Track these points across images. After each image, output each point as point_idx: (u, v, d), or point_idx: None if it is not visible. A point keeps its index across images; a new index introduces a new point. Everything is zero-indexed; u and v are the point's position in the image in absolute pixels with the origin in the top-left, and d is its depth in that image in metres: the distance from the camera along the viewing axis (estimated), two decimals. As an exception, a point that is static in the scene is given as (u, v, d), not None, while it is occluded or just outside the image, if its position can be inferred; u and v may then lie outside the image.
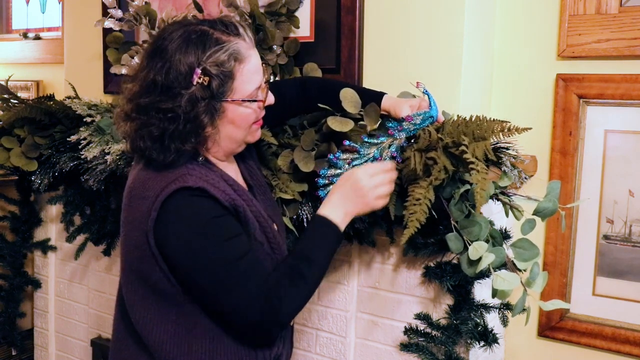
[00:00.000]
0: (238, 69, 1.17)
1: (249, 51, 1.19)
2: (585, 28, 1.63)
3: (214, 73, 1.14)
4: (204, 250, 1.13)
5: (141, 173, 1.20)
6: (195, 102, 1.13)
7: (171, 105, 1.13)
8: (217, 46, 1.15)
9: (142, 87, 1.16)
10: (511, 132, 1.30)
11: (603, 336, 1.67)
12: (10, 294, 2.49)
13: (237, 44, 1.17)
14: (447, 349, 1.53)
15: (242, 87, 1.18)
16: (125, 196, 1.24)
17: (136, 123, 1.16)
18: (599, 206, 1.67)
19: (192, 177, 1.15)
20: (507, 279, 1.32)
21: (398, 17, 1.62)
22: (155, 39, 1.19)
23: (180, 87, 1.13)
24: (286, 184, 1.54)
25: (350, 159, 1.43)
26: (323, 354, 1.79)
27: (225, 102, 1.17)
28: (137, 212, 1.16)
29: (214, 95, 1.15)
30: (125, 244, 1.23)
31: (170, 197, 1.12)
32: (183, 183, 1.13)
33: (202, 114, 1.15)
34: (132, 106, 1.17)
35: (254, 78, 1.20)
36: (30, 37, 3.23)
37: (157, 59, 1.15)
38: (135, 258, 1.19)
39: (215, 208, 1.15)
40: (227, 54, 1.15)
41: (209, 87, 1.14)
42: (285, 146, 1.58)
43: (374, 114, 1.48)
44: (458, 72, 1.56)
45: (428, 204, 1.31)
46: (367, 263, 1.69)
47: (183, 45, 1.14)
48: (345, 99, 1.49)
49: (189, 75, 1.13)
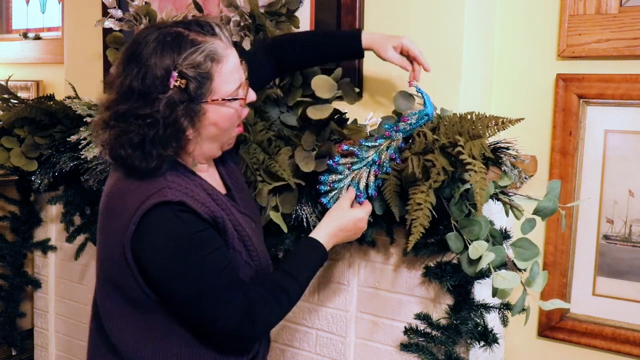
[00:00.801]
0: (216, 70, 1.15)
1: (226, 50, 1.17)
2: (585, 28, 1.63)
3: (190, 75, 1.12)
4: (184, 265, 1.12)
5: (120, 183, 1.19)
6: (174, 105, 1.11)
7: (149, 111, 1.11)
8: (193, 47, 1.13)
9: (119, 94, 1.14)
10: (505, 125, 1.30)
11: (603, 336, 1.67)
12: (10, 294, 2.49)
13: (214, 44, 1.15)
14: (447, 349, 1.53)
15: (222, 87, 1.16)
16: (103, 205, 1.23)
17: (115, 131, 1.14)
18: (599, 206, 1.67)
19: (171, 191, 1.13)
20: (507, 278, 1.33)
21: (398, 17, 1.62)
22: (130, 44, 1.17)
23: (157, 92, 1.11)
24: (283, 167, 1.53)
25: (350, 163, 1.44)
26: (323, 354, 1.78)
27: (205, 103, 1.15)
28: (115, 224, 1.15)
29: (192, 98, 1.13)
30: (101, 252, 1.22)
31: (149, 212, 1.11)
32: (162, 197, 1.11)
33: (182, 117, 1.13)
34: (110, 114, 1.15)
35: (233, 77, 1.18)
36: (30, 37, 3.23)
37: (132, 64, 1.13)
38: (111, 267, 1.18)
39: (195, 222, 1.14)
40: (203, 55, 1.13)
41: (186, 90, 1.12)
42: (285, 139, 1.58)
43: (351, 92, 1.51)
44: (458, 72, 1.56)
45: (430, 207, 1.31)
46: (367, 263, 1.69)
47: (158, 49, 1.12)
48: (318, 87, 1.52)
49: (166, 79, 1.11)
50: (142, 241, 1.11)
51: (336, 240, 1.38)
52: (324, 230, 1.36)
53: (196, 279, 1.13)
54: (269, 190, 1.55)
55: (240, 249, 1.23)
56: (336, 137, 1.56)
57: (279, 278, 1.25)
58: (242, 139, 1.59)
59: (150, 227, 1.11)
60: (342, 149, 1.46)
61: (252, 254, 1.25)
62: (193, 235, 1.13)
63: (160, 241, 1.12)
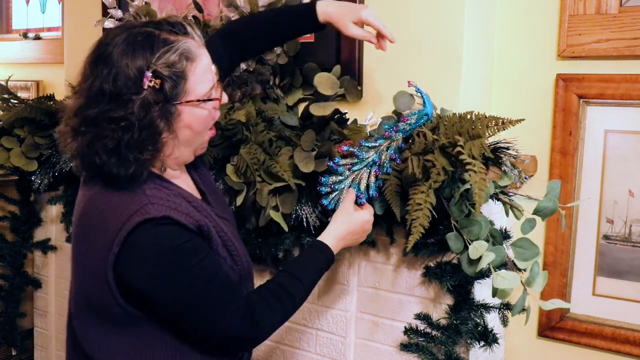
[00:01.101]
0: (190, 69, 1.11)
1: (199, 50, 1.14)
2: (585, 28, 1.63)
3: (165, 75, 1.07)
4: (175, 277, 1.09)
5: (97, 200, 1.13)
6: (149, 107, 1.07)
7: (123, 113, 1.06)
8: (166, 46, 1.09)
9: (88, 98, 1.08)
10: (505, 125, 1.30)
11: (603, 336, 1.67)
12: (10, 294, 2.49)
13: (187, 43, 1.11)
14: (447, 349, 1.53)
15: (196, 87, 1.12)
16: (78, 221, 1.17)
17: (87, 137, 1.08)
18: (599, 206, 1.67)
19: (154, 207, 1.08)
20: (508, 278, 1.33)
21: (398, 17, 1.62)
22: (97, 46, 1.12)
23: (130, 93, 1.06)
24: (283, 167, 1.53)
25: (350, 164, 1.44)
26: (323, 354, 1.78)
27: (179, 105, 1.10)
28: (95, 244, 1.10)
29: (167, 98, 1.09)
30: (78, 272, 1.17)
31: (133, 231, 1.06)
32: (146, 215, 1.07)
33: (157, 119, 1.08)
34: (79, 120, 1.09)
35: (207, 77, 1.15)
36: (30, 37, 3.23)
37: (101, 66, 1.08)
38: (89, 287, 1.14)
39: (182, 234, 1.10)
40: (177, 54, 1.09)
41: (161, 90, 1.07)
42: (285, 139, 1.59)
43: (353, 89, 1.51)
44: (458, 72, 1.56)
45: (430, 207, 1.31)
46: (367, 263, 1.69)
47: (129, 49, 1.07)
48: (320, 84, 1.53)
49: (139, 80, 1.06)
50: (128, 261, 1.07)
51: (344, 244, 1.37)
52: (333, 233, 1.34)
53: (190, 289, 1.10)
54: (269, 191, 1.55)
55: (224, 254, 1.20)
56: (336, 137, 1.56)
57: (283, 280, 1.24)
58: (243, 139, 1.59)
59: (135, 246, 1.07)
60: (342, 149, 1.46)
61: (235, 259, 1.22)
62: (180, 247, 1.09)
63: (148, 259, 1.08)
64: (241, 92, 1.76)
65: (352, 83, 1.63)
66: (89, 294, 1.14)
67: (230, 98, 1.77)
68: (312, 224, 1.57)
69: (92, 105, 1.08)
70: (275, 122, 1.65)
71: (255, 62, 1.74)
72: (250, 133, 1.58)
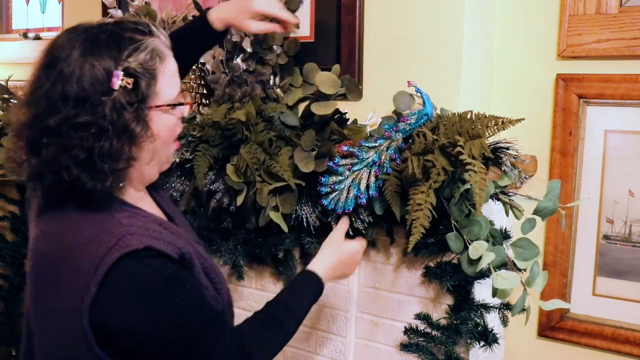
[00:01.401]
0: (160, 69, 1.01)
1: (167, 50, 1.05)
2: (585, 28, 1.63)
3: (139, 72, 0.98)
4: (163, 317, 0.97)
5: (62, 232, 0.99)
6: (121, 109, 0.96)
7: (91, 118, 0.94)
8: (134, 44, 0.99)
9: (46, 106, 0.95)
10: (505, 125, 1.30)
11: (603, 336, 1.67)
12: (10, 294, 2.50)
13: (155, 41, 1.02)
14: (447, 349, 1.53)
15: (165, 90, 1.02)
16: (39, 263, 1.02)
17: (51, 150, 0.94)
18: (599, 206, 1.67)
19: (134, 237, 0.96)
20: (508, 278, 1.33)
21: (398, 17, 1.62)
22: (48, 50, 1.00)
23: (98, 95, 0.95)
24: (284, 167, 1.53)
25: (350, 164, 1.44)
26: (323, 354, 1.78)
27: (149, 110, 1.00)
28: (65, 289, 0.96)
29: (143, 98, 0.98)
30: (40, 326, 1.02)
31: (113, 268, 0.93)
32: (126, 247, 0.94)
33: (132, 122, 0.97)
34: (37, 132, 0.95)
35: (175, 80, 1.06)
36: (30, 37, 3.22)
37: (59, 69, 0.96)
38: (56, 345, 0.99)
39: (166, 265, 0.98)
40: (147, 52, 0.99)
41: (134, 90, 0.97)
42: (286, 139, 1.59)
43: (354, 88, 1.52)
44: (458, 72, 1.56)
45: (430, 207, 1.32)
46: (367, 263, 1.69)
47: (92, 48, 0.97)
48: (322, 83, 1.53)
49: (107, 80, 0.95)
50: (109, 303, 0.94)
51: (334, 276, 1.31)
52: (324, 264, 1.29)
53: (179, 327, 0.99)
54: (269, 191, 1.55)
55: (206, 283, 1.10)
56: (336, 137, 1.56)
57: (274, 310, 1.18)
58: (243, 139, 1.59)
59: (117, 285, 0.94)
60: (342, 149, 1.46)
61: (218, 287, 1.12)
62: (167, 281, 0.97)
63: (132, 298, 0.95)
64: (241, 92, 1.76)
65: (353, 82, 1.64)
66: (57, 352, 0.99)
67: (230, 98, 1.77)
68: (312, 224, 1.57)
69: (52, 112, 0.95)
70: (275, 122, 1.65)
71: (255, 62, 1.74)
72: (250, 133, 1.58)
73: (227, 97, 1.78)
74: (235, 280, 1.89)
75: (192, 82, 1.83)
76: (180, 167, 1.74)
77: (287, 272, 1.77)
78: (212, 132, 1.64)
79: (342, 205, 1.45)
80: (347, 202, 1.45)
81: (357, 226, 1.51)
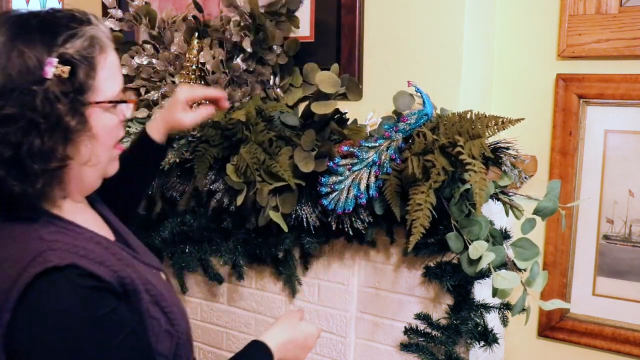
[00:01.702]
0: (100, 60, 0.91)
1: (109, 41, 0.95)
2: (585, 28, 1.63)
3: (76, 59, 0.88)
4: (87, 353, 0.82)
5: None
6: (54, 100, 0.85)
7: (18, 110, 0.84)
8: (71, 31, 0.89)
9: None
10: (505, 125, 1.30)
11: (603, 336, 1.67)
12: (10, 294, 2.49)
13: (94, 29, 0.92)
14: (447, 349, 1.53)
15: (105, 85, 0.92)
16: None
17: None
18: (599, 206, 1.67)
19: (56, 253, 0.83)
20: (508, 278, 1.33)
21: (398, 17, 1.62)
22: None
23: (28, 83, 0.85)
24: (284, 167, 1.52)
25: (350, 164, 1.44)
26: (323, 354, 1.78)
27: (87, 106, 0.90)
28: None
29: (81, 89, 0.88)
30: None
31: (30, 288, 0.80)
32: (45, 264, 0.81)
33: (67, 115, 0.86)
34: None
35: (118, 75, 0.96)
36: (30, 38, 3.22)
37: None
38: None
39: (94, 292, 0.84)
40: (86, 39, 0.90)
41: (70, 80, 0.87)
42: (286, 139, 1.59)
43: (355, 87, 1.52)
44: (458, 72, 1.56)
45: (430, 207, 1.32)
46: (367, 263, 1.69)
47: (21, 34, 0.87)
48: (322, 82, 1.53)
49: (38, 68, 0.85)
50: (27, 330, 0.80)
51: (284, 354, 1.17)
52: (277, 338, 1.16)
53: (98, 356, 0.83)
54: (269, 190, 1.55)
55: (157, 315, 0.95)
56: (336, 137, 1.56)
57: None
58: (243, 139, 1.59)
59: (35, 308, 0.80)
60: (342, 149, 1.46)
61: (171, 319, 0.98)
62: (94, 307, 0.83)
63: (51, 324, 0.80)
64: (241, 92, 1.76)
65: (353, 81, 1.64)
66: None
67: (230, 98, 1.77)
68: (312, 224, 1.57)
69: None
70: (275, 122, 1.65)
71: (255, 62, 1.75)
72: (250, 133, 1.58)
73: (227, 97, 1.78)
74: (235, 280, 1.89)
75: (192, 82, 1.83)
76: (180, 167, 1.74)
77: (287, 272, 1.77)
78: (212, 132, 1.64)
79: (342, 205, 1.45)
80: (347, 202, 1.45)
81: (357, 226, 1.51)
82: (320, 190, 1.47)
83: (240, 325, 1.94)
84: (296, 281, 1.78)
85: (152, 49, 1.95)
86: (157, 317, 0.95)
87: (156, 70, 1.93)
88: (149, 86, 1.96)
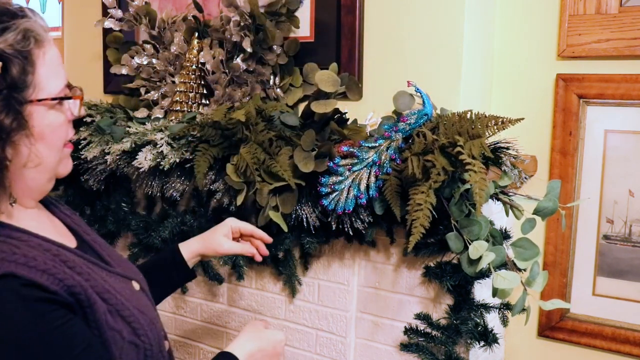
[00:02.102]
0: (38, 55, 0.85)
1: (47, 35, 0.89)
2: (585, 28, 1.63)
3: (8, 53, 0.82)
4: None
5: None
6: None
7: None
8: (3, 24, 0.84)
9: None
10: (505, 124, 1.30)
11: (603, 336, 1.67)
12: (10, 294, 2.49)
13: (30, 22, 0.86)
14: (447, 349, 1.53)
15: (47, 82, 0.87)
16: None
17: None
18: (599, 206, 1.67)
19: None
20: (508, 278, 1.33)
21: (398, 17, 1.62)
22: None
23: None
24: (284, 167, 1.52)
25: (350, 164, 1.44)
26: (323, 354, 1.78)
27: (29, 103, 0.84)
28: None
29: (14, 85, 0.82)
30: None
31: None
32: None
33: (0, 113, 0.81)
34: None
35: (60, 71, 0.90)
36: (30, 38, 3.22)
37: None
38: None
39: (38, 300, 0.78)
40: (18, 31, 0.84)
41: (2, 75, 0.81)
42: (286, 139, 1.59)
43: (355, 86, 1.52)
44: (458, 72, 1.56)
45: (430, 207, 1.32)
46: (367, 263, 1.69)
47: None
48: (322, 81, 1.53)
49: None
50: None
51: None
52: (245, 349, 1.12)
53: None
54: (269, 190, 1.55)
55: (117, 326, 0.89)
56: (336, 137, 1.56)
57: None
58: (243, 139, 1.59)
59: None
60: (342, 149, 1.46)
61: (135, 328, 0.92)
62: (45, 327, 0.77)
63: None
64: (241, 92, 1.76)
65: (353, 80, 1.64)
66: None
67: (230, 98, 1.77)
68: (312, 224, 1.57)
69: None
70: (275, 122, 1.65)
71: (255, 62, 1.75)
72: (250, 132, 1.58)
73: (227, 97, 1.78)
74: (235, 280, 1.89)
75: (192, 82, 1.83)
76: (180, 167, 1.74)
77: (287, 272, 1.77)
78: (212, 132, 1.64)
79: (342, 206, 1.45)
80: (347, 202, 1.45)
81: (357, 226, 1.51)
82: (320, 191, 1.47)
83: (240, 326, 1.94)
84: (296, 281, 1.78)
85: (152, 49, 1.95)
86: (117, 328, 0.89)
87: (156, 70, 1.93)
88: (149, 86, 1.96)
